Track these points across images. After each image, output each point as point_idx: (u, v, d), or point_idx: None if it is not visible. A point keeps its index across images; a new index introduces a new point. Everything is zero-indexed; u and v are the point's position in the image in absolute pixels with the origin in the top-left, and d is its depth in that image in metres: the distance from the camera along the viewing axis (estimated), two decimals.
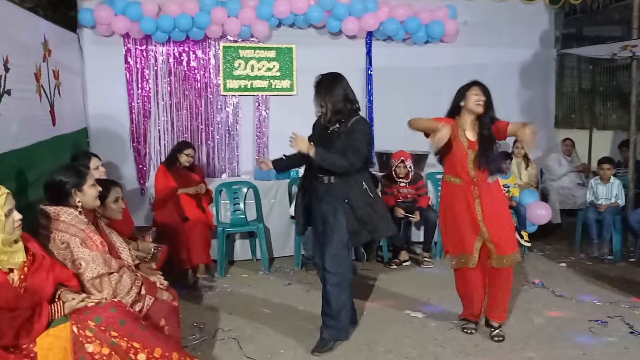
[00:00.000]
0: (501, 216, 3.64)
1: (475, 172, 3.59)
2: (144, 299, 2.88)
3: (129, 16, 5.60)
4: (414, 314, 4.14)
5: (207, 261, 4.80)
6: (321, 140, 3.52)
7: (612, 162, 5.84)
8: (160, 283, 3.09)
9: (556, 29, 7.17)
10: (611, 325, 3.90)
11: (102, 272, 2.77)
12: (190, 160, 5.13)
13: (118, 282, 2.81)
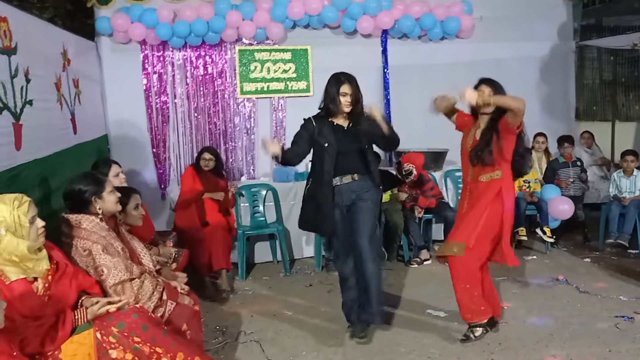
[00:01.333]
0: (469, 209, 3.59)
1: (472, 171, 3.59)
2: (166, 304, 2.91)
3: (145, 23, 5.67)
4: (436, 313, 4.12)
5: (227, 266, 4.81)
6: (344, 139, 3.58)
7: (636, 154, 5.73)
8: (181, 288, 3.11)
9: (574, 21, 7.08)
10: (638, 322, 3.83)
11: (124, 278, 2.80)
12: (210, 165, 5.10)
13: (140, 287, 2.84)
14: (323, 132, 3.59)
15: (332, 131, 3.60)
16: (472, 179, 3.61)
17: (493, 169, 3.53)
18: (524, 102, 3.37)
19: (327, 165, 3.56)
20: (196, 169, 5.11)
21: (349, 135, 3.61)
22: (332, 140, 3.56)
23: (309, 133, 3.61)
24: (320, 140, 3.59)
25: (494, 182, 3.53)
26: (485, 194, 3.53)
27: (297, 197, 5.56)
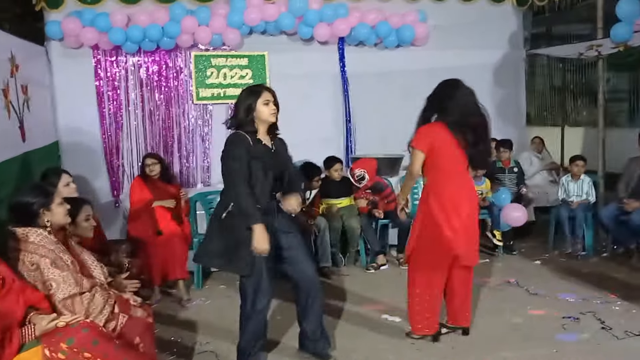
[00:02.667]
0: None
1: None
2: (118, 317, 2.86)
3: (98, 27, 5.57)
4: (391, 318, 4.17)
5: (183, 276, 4.76)
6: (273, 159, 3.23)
7: (584, 159, 5.94)
8: (134, 300, 3.07)
9: (525, 30, 7.28)
10: (584, 322, 3.98)
11: (74, 292, 2.74)
12: (155, 170, 4.99)
13: (90, 301, 2.78)
14: (259, 150, 3.15)
15: (264, 150, 3.19)
16: None
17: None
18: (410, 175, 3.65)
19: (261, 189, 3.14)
20: (143, 177, 5.04)
21: (276, 156, 3.26)
22: (268, 160, 3.16)
23: (246, 149, 3.11)
24: (259, 158, 3.13)
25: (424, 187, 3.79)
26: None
27: None
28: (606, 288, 4.63)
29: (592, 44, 5.80)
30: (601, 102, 6.00)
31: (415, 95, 3.74)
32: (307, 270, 3.38)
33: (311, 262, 3.46)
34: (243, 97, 3.22)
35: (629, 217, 5.27)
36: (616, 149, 6.38)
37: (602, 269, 5.24)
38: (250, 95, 3.19)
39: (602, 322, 3.95)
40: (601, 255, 5.63)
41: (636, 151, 5.59)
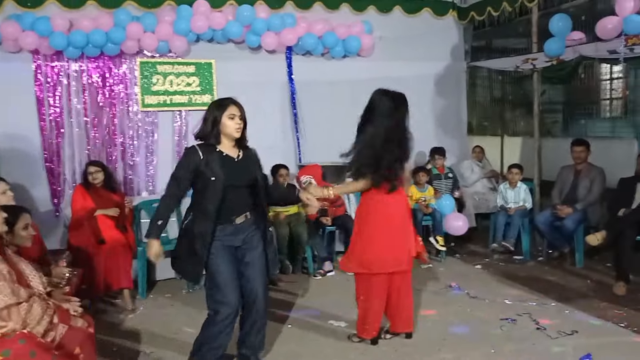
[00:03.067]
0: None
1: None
2: (57, 328, 2.79)
3: (38, 32, 5.44)
4: (337, 324, 4.23)
5: (127, 286, 4.68)
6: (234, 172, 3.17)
7: (520, 167, 6.20)
8: (74, 310, 3.00)
9: (466, 43, 7.57)
10: (520, 323, 4.15)
11: (10, 302, 2.66)
12: (98, 177, 4.90)
13: (28, 311, 2.71)
14: (210, 162, 3.11)
15: (222, 162, 3.14)
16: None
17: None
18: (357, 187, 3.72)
19: (211, 203, 3.10)
20: (85, 186, 4.93)
21: (240, 169, 3.20)
22: (219, 174, 3.10)
23: (194, 165, 3.11)
24: (207, 173, 3.09)
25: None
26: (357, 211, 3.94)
27: None
28: (541, 290, 4.84)
29: (528, 57, 6.08)
30: (536, 112, 6.29)
31: (361, 105, 3.83)
32: (258, 290, 3.32)
33: (264, 284, 3.38)
34: (210, 109, 3.20)
35: (562, 223, 5.55)
36: (551, 158, 6.69)
37: (538, 272, 5.48)
38: (217, 108, 3.17)
39: (537, 323, 4.13)
40: (537, 260, 5.88)
41: (569, 160, 5.88)
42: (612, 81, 7.36)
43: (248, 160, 3.28)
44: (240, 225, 3.23)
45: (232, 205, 3.17)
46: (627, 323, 4.06)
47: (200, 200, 3.15)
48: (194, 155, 3.13)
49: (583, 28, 5.91)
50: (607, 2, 6.33)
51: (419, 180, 6.05)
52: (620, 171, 5.59)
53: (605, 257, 5.64)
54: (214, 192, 3.10)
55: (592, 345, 3.70)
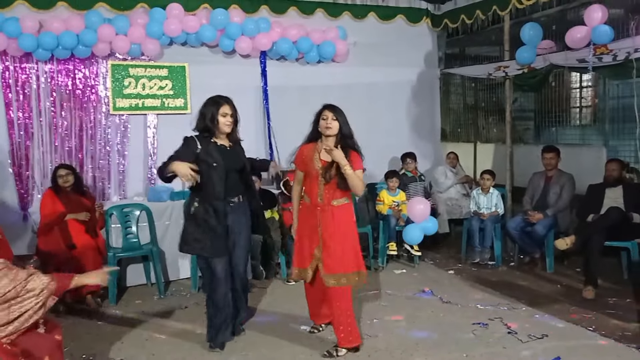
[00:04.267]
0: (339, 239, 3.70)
1: (322, 192, 3.68)
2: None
3: (7, 32, 5.33)
4: (310, 329, 4.20)
5: (96, 289, 4.60)
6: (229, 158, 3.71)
7: (492, 173, 6.27)
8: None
9: (439, 50, 7.65)
10: (491, 327, 4.19)
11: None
12: (69, 180, 4.86)
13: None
14: (209, 151, 3.63)
15: (218, 151, 3.67)
16: (324, 203, 3.69)
17: (344, 194, 3.71)
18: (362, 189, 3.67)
19: (218, 185, 3.62)
20: (55, 190, 4.86)
21: (233, 155, 3.76)
22: (219, 160, 3.63)
23: (192, 151, 3.61)
24: (208, 160, 3.61)
25: (346, 206, 3.75)
26: (345, 219, 3.74)
27: (173, 217, 5.43)
28: (513, 295, 4.89)
29: (500, 65, 6.17)
30: (508, 119, 6.39)
31: None
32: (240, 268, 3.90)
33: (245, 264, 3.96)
34: (207, 105, 3.72)
35: (533, 228, 5.62)
36: (522, 164, 6.79)
37: (510, 277, 5.53)
38: (212, 105, 3.70)
39: (508, 327, 4.17)
40: (509, 265, 5.94)
41: (540, 166, 5.98)
42: (582, 90, 7.51)
43: (237, 149, 3.83)
44: (234, 205, 3.74)
45: (229, 187, 3.69)
46: (595, 326, 4.12)
47: (207, 183, 3.62)
48: (193, 143, 3.63)
49: (553, 37, 6.04)
50: (577, 12, 6.47)
51: (392, 185, 6.08)
52: (589, 178, 5.70)
53: (575, 262, 5.74)
54: (219, 175, 3.63)
55: (562, 348, 3.75)
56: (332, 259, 3.68)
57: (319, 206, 3.71)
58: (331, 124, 3.66)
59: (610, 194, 5.32)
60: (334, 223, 3.69)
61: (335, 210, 3.70)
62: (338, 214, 3.71)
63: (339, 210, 3.71)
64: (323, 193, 3.69)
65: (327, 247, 3.70)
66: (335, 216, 3.70)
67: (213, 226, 3.61)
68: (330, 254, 3.68)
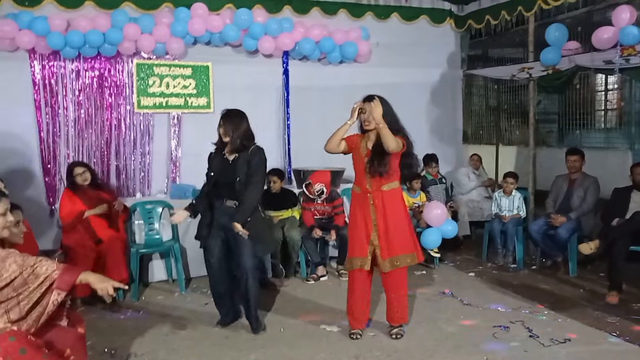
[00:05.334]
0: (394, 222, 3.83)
1: (370, 181, 3.81)
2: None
3: (35, 31, 5.41)
4: (329, 328, 4.21)
5: (124, 277, 4.67)
6: (222, 168, 4.03)
7: (515, 176, 6.21)
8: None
9: (462, 51, 7.61)
10: (513, 331, 4.15)
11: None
12: (87, 178, 4.90)
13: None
14: (211, 160, 4.13)
15: (220, 162, 4.05)
16: (373, 189, 3.83)
17: (391, 179, 3.82)
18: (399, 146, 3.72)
19: (208, 188, 4.12)
20: (72, 188, 4.88)
21: (228, 169, 4.00)
22: (216, 170, 4.07)
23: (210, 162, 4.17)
24: (208, 170, 4.13)
25: (396, 191, 3.88)
26: (397, 203, 3.88)
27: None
28: (534, 298, 4.84)
29: (524, 66, 6.11)
30: (532, 121, 6.32)
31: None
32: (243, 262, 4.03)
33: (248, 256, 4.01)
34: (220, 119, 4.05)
35: (556, 232, 5.55)
36: (546, 167, 6.71)
37: (531, 280, 5.47)
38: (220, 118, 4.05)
39: (530, 330, 4.12)
40: (531, 268, 5.87)
41: (563, 169, 5.90)
42: (607, 92, 7.40)
43: (238, 162, 3.97)
44: (229, 207, 3.99)
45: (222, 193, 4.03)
46: (619, 332, 4.06)
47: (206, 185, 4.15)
48: (210, 156, 4.17)
49: (579, 38, 5.96)
50: (603, 13, 6.38)
51: (414, 186, 6.05)
52: (614, 181, 5.61)
53: (599, 266, 5.65)
54: (208, 183, 4.12)
55: (585, 353, 3.70)
56: (388, 244, 3.82)
57: (369, 192, 3.84)
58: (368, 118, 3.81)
59: (636, 198, 5.22)
60: (385, 208, 3.82)
61: (385, 195, 3.82)
62: (388, 199, 3.83)
63: (388, 194, 3.83)
64: (371, 181, 3.82)
65: (381, 232, 3.82)
66: (386, 201, 3.82)
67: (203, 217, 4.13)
68: (385, 238, 3.82)
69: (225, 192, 4.01)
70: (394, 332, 4.02)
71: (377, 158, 3.77)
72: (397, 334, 4.00)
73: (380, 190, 3.82)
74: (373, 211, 3.84)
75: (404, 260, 3.87)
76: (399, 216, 3.88)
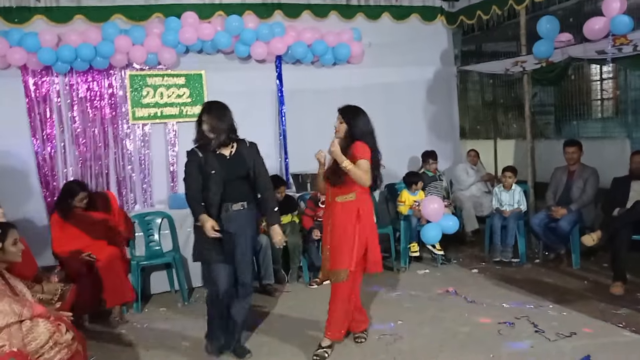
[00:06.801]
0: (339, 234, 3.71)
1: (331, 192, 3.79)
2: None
3: (26, 47, 5.41)
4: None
5: (130, 299, 4.69)
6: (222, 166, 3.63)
7: (514, 170, 6.18)
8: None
9: (455, 47, 7.59)
10: (518, 326, 4.12)
11: (11, 321, 2.63)
12: (86, 201, 4.76)
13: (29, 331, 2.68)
14: (208, 159, 3.62)
15: (217, 160, 3.63)
16: (331, 200, 3.80)
17: (348, 190, 3.70)
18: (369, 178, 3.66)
19: (214, 193, 3.60)
20: (63, 213, 4.68)
21: (233, 164, 3.66)
22: (217, 168, 3.60)
23: (197, 163, 3.63)
24: (207, 168, 3.60)
25: (350, 203, 3.71)
26: (346, 216, 3.70)
27: None
28: (539, 293, 4.82)
29: (517, 60, 6.09)
30: (528, 114, 6.30)
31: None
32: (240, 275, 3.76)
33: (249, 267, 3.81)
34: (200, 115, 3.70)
35: (557, 224, 5.52)
36: (544, 160, 6.69)
37: (535, 274, 5.45)
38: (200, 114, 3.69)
39: (536, 325, 4.10)
40: (534, 262, 5.85)
41: (562, 161, 5.88)
42: (603, 82, 7.39)
43: (239, 156, 3.69)
44: (237, 212, 3.66)
45: (230, 195, 3.64)
46: (625, 323, 4.04)
47: (207, 191, 3.61)
48: (195, 155, 3.65)
49: (571, 30, 5.93)
50: (594, 3, 6.37)
51: (416, 186, 6.02)
52: (613, 171, 5.59)
53: (602, 257, 5.63)
54: (216, 183, 3.59)
55: (591, 346, 3.68)
56: (332, 256, 3.75)
57: (328, 204, 3.84)
58: (338, 126, 3.76)
59: (636, 187, 5.21)
60: (336, 219, 3.74)
61: (337, 207, 3.74)
62: (339, 211, 3.73)
63: (342, 206, 3.73)
64: (330, 191, 3.80)
65: (329, 244, 3.79)
66: (337, 213, 3.74)
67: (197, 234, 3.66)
68: (330, 250, 3.76)
69: (234, 192, 3.65)
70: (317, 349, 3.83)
71: (335, 168, 3.69)
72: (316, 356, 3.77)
73: (335, 201, 3.75)
74: (330, 223, 3.78)
75: (338, 275, 3.71)
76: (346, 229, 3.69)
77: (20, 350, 2.55)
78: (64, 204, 4.73)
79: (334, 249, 3.73)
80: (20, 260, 3.28)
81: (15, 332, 2.63)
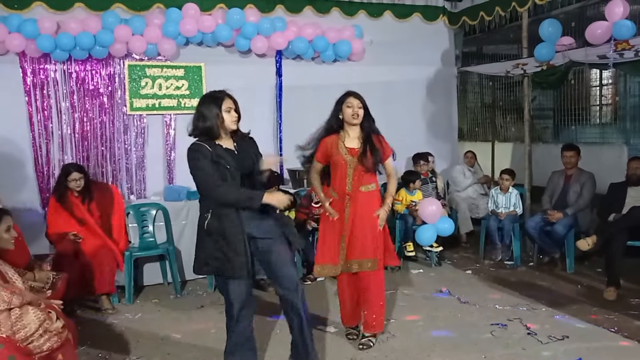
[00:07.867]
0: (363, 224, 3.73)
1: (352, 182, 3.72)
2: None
3: (25, 34, 5.36)
4: (326, 329, 4.18)
5: (108, 291, 4.65)
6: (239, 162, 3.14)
7: (511, 172, 6.18)
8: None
9: (456, 48, 7.58)
10: (511, 328, 4.12)
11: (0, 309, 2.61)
12: (80, 185, 4.73)
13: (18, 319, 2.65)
14: (219, 153, 3.07)
15: (227, 153, 3.11)
16: (351, 189, 3.74)
17: (371, 180, 3.75)
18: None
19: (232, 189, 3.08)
20: (60, 197, 4.70)
21: (241, 158, 3.17)
22: (231, 162, 3.08)
23: (210, 158, 3.04)
24: (221, 162, 3.05)
25: (373, 193, 3.78)
26: (371, 205, 3.76)
27: (189, 216, 5.43)
28: (532, 295, 4.81)
29: (518, 62, 6.08)
30: (527, 118, 6.30)
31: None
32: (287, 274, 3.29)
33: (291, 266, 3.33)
34: (206, 104, 3.12)
35: (552, 228, 5.53)
36: (541, 163, 6.69)
37: (529, 277, 5.45)
38: (213, 103, 3.10)
39: (528, 328, 4.10)
40: (528, 265, 5.85)
41: (559, 165, 5.88)
42: (602, 87, 7.39)
43: (244, 149, 3.21)
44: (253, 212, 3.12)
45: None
46: (617, 328, 4.04)
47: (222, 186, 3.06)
48: (202, 148, 3.05)
49: (573, 34, 5.94)
50: (597, 8, 6.37)
51: (414, 185, 6.01)
52: (610, 176, 5.59)
53: (596, 262, 5.64)
54: (233, 179, 3.08)
55: (583, 350, 3.68)
56: (355, 245, 3.73)
57: (347, 194, 3.74)
58: (358, 112, 3.72)
59: (633, 193, 5.22)
60: (363, 209, 3.73)
61: (362, 197, 3.73)
62: (365, 200, 3.74)
63: (366, 196, 3.74)
64: (352, 180, 3.72)
65: (351, 233, 3.74)
66: (362, 202, 3.73)
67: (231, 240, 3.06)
68: (352, 240, 3.73)
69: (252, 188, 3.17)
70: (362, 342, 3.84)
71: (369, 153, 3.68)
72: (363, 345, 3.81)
73: (359, 191, 3.73)
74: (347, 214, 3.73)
75: (365, 265, 3.74)
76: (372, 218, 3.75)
77: (9, 337, 2.53)
78: (59, 184, 4.79)
79: (356, 238, 3.73)
80: (13, 248, 3.26)
81: (4, 320, 2.60)
